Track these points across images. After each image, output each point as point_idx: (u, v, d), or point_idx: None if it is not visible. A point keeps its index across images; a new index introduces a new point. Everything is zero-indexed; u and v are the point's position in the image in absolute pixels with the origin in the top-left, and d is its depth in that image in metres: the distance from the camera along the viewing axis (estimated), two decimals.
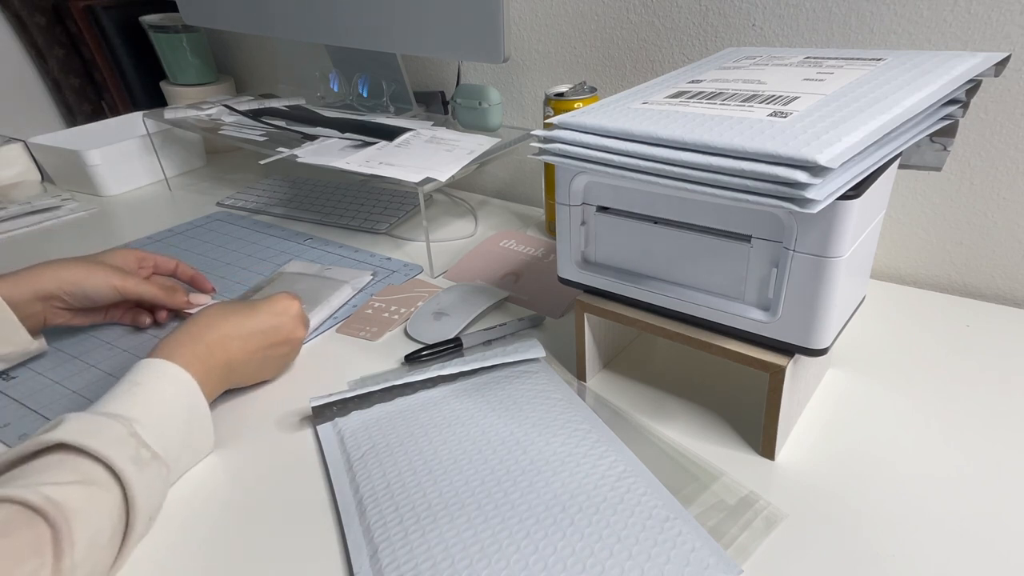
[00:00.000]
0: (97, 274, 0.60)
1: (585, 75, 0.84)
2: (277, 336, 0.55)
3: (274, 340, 0.55)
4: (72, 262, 0.61)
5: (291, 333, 0.57)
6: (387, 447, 0.49)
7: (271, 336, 0.55)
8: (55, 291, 0.59)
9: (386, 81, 0.93)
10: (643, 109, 0.44)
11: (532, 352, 0.57)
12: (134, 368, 0.48)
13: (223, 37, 1.26)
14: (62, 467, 0.39)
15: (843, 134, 0.35)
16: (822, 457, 0.47)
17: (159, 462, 0.43)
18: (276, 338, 0.55)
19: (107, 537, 0.39)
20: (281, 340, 0.56)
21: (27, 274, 0.58)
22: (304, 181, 1.03)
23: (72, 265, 0.60)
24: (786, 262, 0.40)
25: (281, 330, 0.56)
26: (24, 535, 0.35)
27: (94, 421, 0.42)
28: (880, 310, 0.63)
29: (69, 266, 0.60)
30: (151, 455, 0.43)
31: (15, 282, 0.57)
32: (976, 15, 0.59)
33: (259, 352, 0.54)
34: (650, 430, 0.50)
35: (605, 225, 0.49)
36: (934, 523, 0.42)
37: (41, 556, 0.35)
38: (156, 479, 0.43)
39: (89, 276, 0.60)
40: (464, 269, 0.76)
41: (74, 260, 0.61)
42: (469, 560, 0.39)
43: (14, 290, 0.57)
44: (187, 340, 0.51)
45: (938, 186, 0.67)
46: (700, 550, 0.39)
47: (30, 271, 0.58)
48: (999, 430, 0.49)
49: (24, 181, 1.05)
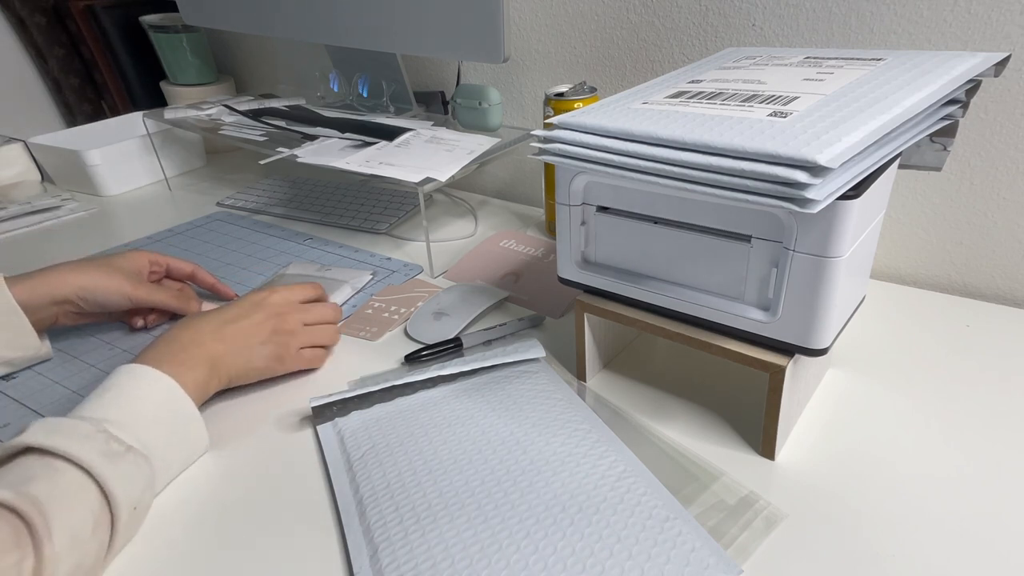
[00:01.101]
0: (112, 282, 0.61)
1: (585, 75, 0.84)
2: (253, 324, 0.55)
3: (252, 329, 0.54)
4: (88, 267, 0.61)
5: (271, 321, 0.55)
6: (387, 447, 0.49)
7: (247, 325, 0.54)
8: (70, 296, 0.59)
9: (386, 81, 0.93)
10: (643, 109, 0.44)
11: (532, 352, 0.57)
12: (109, 375, 0.48)
13: (223, 37, 1.26)
14: (31, 466, 0.39)
15: (843, 134, 0.35)
16: (822, 457, 0.47)
17: (135, 453, 0.43)
18: (253, 327, 0.55)
19: (90, 529, 0.39)
20: (259, 329, 0.55)
21: (43, 279, 0.58)
22: (304, 181, 1.03)
23: (88, 271, 0.60)
24: (786, 262, 0.40)
25: (255, 317, 0.55)
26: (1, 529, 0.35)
27: (60, 423, 0.42)
28: (880, 310, 0.63)
29: (85, 272, 0.60)
30: (124, 448, 0.43)
31: (32, 287, 0.57)
32: (976, 15, 0.59)
33: (239, 343, 0.54)
34: (650, 430, 0.50)
35: (605, 225, 0.49)
36: (934, 523, 0.42)
37: (21, 548, 0.35)
38: (133, 470, 0.43)
39: (104, 283, 0.60)
40: (464, 269, 0.76)
41: (89, 264, 0.61)
42: (469, 560, 0.39)
43: (32, 295, 0.57)
44: (160, 343, 0.51)
45: (938, 186, 0.67)
46: (700, 550, 0.39)
47: (46, 275, 0.59)
48: (999, 430, 0.49)
49: (24, 181, 1.05)
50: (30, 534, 0.36)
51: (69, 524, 0.38)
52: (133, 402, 0.46)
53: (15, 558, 0.35)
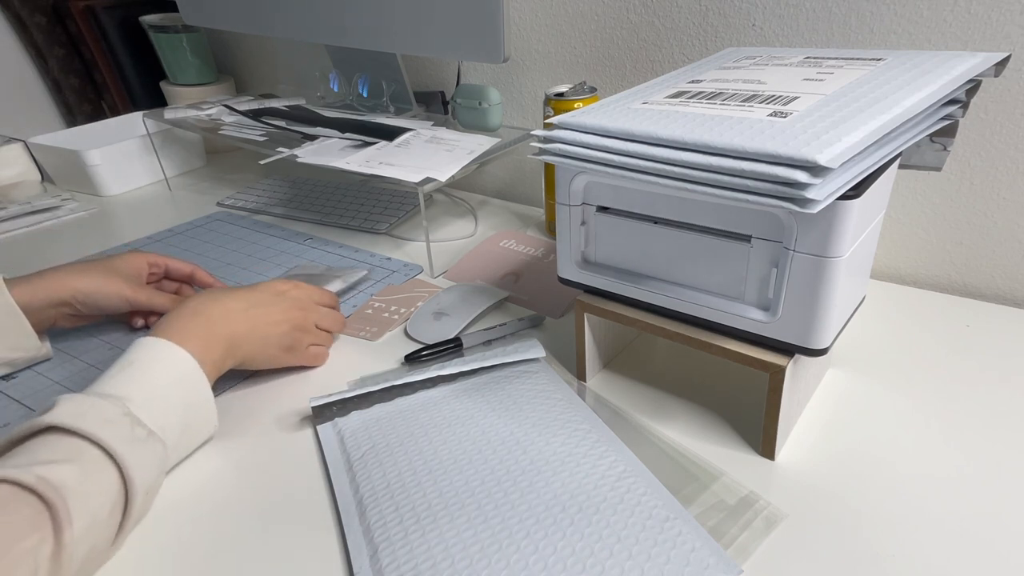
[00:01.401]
0: (111, 285, 0.61)
1: (585, 75, 0.84)
2: (277, 312, 0.55)
3: (275, 317, 0.55)
4: (87, 270, 0.61)
5: (293, 312, 0.57)
6: (387, 447, 0.49)
7: (272, 311, 0.55)
8: (68, 299, 0.59)
9: (386, 81, 0.93)
10: (643, 109, 0.44)
11: (532, 352, 0.57)
12: (131, 347, 0.48)
13: (223, 37, 1.26)
14: (56, 447, 0.39)
15: (843, 134, 0.35)
16: (822, 457, 0.47)
17: (154, 439, 0.44)
18: (276, 315, 0.55)
19: (107, 513, 0.39)
20: (281, 318, 0.56)
21: (42, 281, 0.59)
22: (304, 181, 1.03)
23: (87, 273, 0.61)
24: (786, 262, 0.40)
25: (280, 306, 0.56)
26: (21, 513, 0.35)
27: (86, 402, 0.42)
28: (880, 310, 0.63)
29: (84, 275, 0.60)
30: (147, 433, 0.43)
31: (32, 289, 0.58)
32: (976, 15, 0.59)
33: (260, 328, 0.54)
34: (650, 430, 0.50)
35: (605, 225, 0.49)
36: (934, 523, 0.42)
37: (40, 532, 0.35)
38: (151, 456, 0.43)
39: (103, 287, 0.60)
40: (464, 269, 0.76)
41: (89, 267, 0.62)
42: (469, 560, 0.39)
43: (32, 298, 0.57)
44: (186, 314, 0.51)
45: (938, 186, 0.67)
46: (700, 550, 0.39)
47: (45, 278, 0.59)
48: (999, 430, 0.49)
49: (24, 181, 1.05)
50: (51, 518, 0.36)
51: (89, 509, 0.38)
52: (153, 380, 0.46)
53: (33, 542, 0.35)
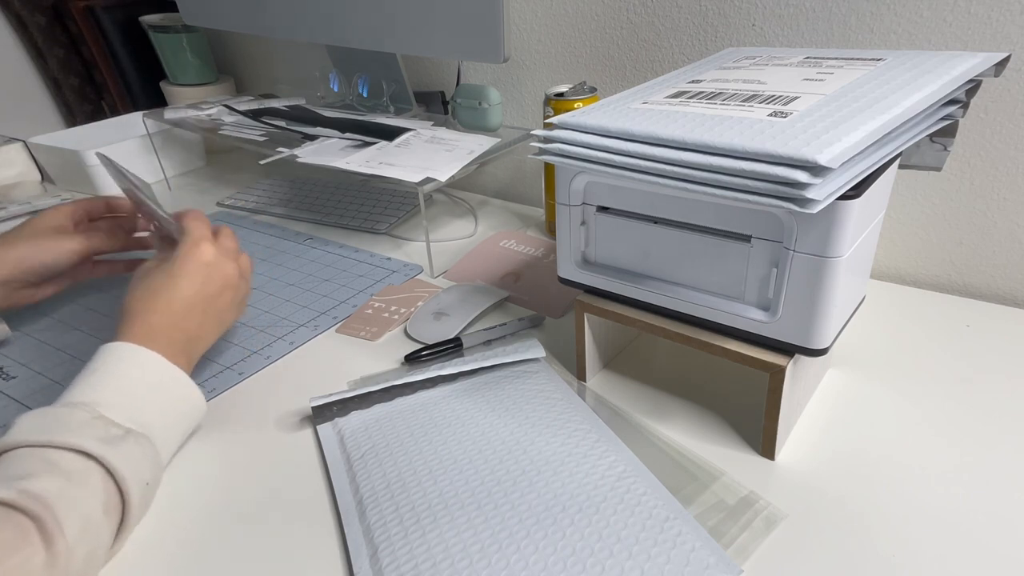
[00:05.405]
0: (42, 245, 0.60)
1: (585, 75, 0.84)
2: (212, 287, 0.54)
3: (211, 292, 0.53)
4: (13, 240, 0.60)
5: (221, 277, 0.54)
6: (387, 447, 0.49)
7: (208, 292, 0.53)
8: (11, 274, 0.58)
9: (386, 81, 0.93)
10: (643, 109, 0.44)
11: (532, 352, 0.57)
12: (92, 357, 0.47)
13: (223, 37, 1.26)
14: (30, 460, 0.39)
15: (843, 134, 0.35)
16: (822, 457, 0.47)
17: (134, 435, 0.43)
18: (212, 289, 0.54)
19: (101, 513, 0.39)
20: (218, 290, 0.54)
21: None
22: (304, 181, 1.03)
23: (15, 243, 0.60)
24: (786, 262, 0.40)
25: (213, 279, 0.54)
26: (5, 529, 0.35)
27: (49, 414, 0.42)
28: (880, 310, 0.63)
29: (13, 245, 0.59)
30: (123, 431, 0.43)
31: None
32: (976, 15, 0.59)
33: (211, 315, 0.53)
34: (650, 430, 0.50)
35: (605, 225, 0.49)
36: (934, 523, 0.42)
37: (30, 545, 0.35)
38: (136, 450, 0.43)
39: (36, 249, 0.60)
40: (464, 269, 0.76)
41: (13, 237, 0.61)
42: (469, 560, 0.39)
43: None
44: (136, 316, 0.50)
45: (938, 186, 0.67)
46: (700, 550, 0.39)
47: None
48: (999, 430, 0.49)
49: (24, 181, 1.05)
50: (39, 531, 0.36)
51: (78, 512, 0.37)
52: (122, 381, 0.46)
53: (20, 559, 0.34)
